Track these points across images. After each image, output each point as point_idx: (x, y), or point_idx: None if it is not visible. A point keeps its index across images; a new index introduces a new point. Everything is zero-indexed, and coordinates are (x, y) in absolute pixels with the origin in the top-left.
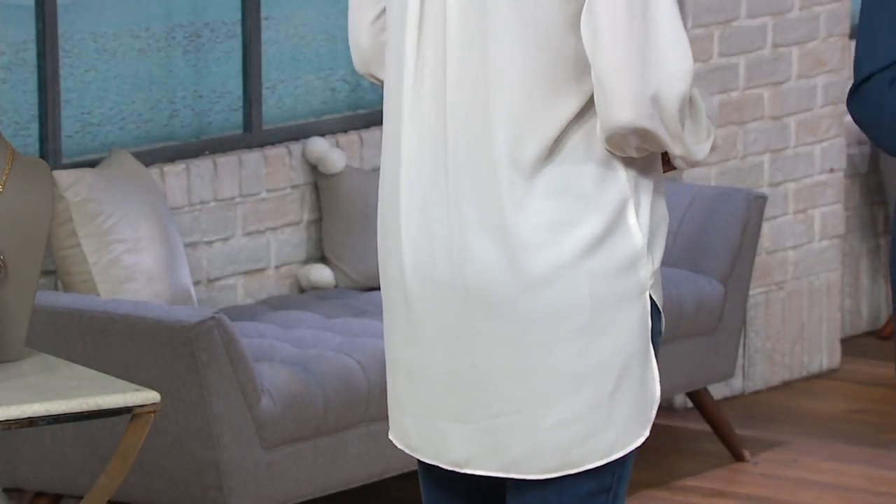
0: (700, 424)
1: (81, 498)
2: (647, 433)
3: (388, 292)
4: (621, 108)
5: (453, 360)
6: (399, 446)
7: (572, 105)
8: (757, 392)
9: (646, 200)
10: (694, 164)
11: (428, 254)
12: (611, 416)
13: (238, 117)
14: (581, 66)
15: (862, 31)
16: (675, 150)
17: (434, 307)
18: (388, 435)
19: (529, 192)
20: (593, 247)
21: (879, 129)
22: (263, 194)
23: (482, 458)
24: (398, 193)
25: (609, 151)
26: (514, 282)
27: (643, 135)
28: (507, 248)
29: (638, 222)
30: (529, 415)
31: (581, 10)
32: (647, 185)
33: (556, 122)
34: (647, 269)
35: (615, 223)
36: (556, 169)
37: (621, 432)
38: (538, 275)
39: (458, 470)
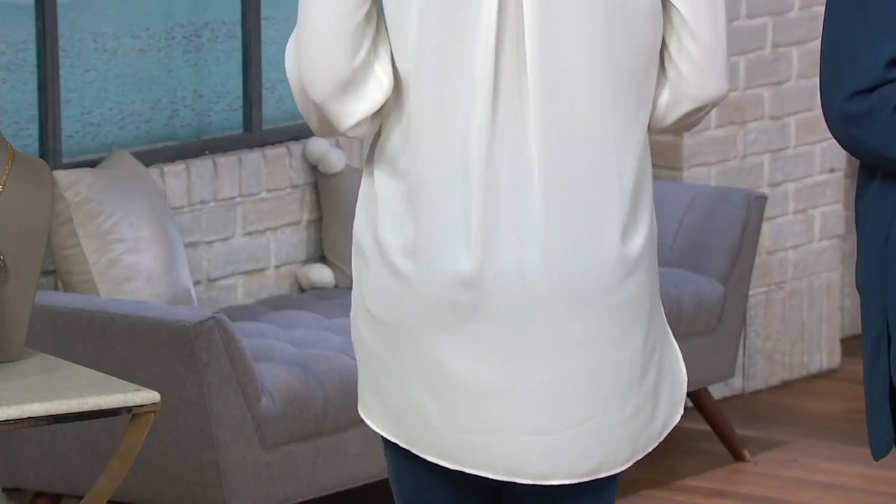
0: (700, 424)
1: (81, 498)
2: (682, 410)
3: (428, 307)
4: (722, 78)
5: (532, 371)
6: (437, 461)
7: (650, 99)
8: (757, 392)
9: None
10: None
11: (513, 268)
12: (660, 397)
13: (238, 117)
14: (652, 61)
15: (837, 45)
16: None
17: (513, 320)
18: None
19: (626, 193)
20: (649, 234)
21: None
22: (263, 194)
23: (570, 467)
24: (464, 212)
25: (657, 134)
26: (609, 277)
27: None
28: (603, 249)
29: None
30: (613, 409)
31: None
32: None
33: (644, 120)
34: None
35: (653, 211)
36: (641, 164)
37: (667, 411)
38: (626, 271)
39: (542, 483)
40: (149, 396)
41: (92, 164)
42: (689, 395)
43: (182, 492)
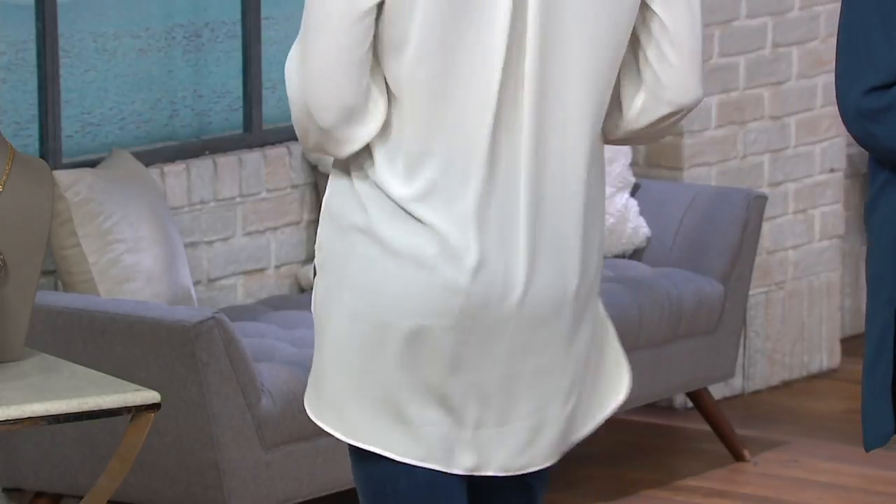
0: (700, 424)
1: (81, 498)
2: (628, 380)
3: (420, 319)
4: (698, 83)
5: (481, 373)
6: (400, 459)
7: (608, 99)
8: (757, 392)
9: None
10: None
11: (500, 285)
12: (595, 394)
13: (238, 117)
14: (614, 74)
15: (853, 40)
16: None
17: (484, 328)
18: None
19: (588, 207)
20: (599, 245)
21: None
22: (263, 194)
23: (501, 461)
24: (462, 226)
25: (616, 144)
26: (569, 293)
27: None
28: (567, 265)
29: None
30: (553, 408)
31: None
32: None
33: (601, 118)
34: None
35: (602, 219)
36: (598, 174)
37: (601, 402)
38: (581, 284)
39: (473, 474)
40: (149, 396)
41: (92, 164)
42: (689, 395)
43: (182, 492)
